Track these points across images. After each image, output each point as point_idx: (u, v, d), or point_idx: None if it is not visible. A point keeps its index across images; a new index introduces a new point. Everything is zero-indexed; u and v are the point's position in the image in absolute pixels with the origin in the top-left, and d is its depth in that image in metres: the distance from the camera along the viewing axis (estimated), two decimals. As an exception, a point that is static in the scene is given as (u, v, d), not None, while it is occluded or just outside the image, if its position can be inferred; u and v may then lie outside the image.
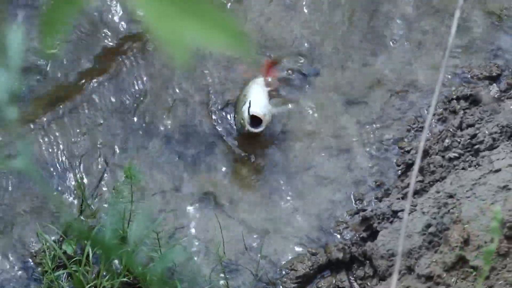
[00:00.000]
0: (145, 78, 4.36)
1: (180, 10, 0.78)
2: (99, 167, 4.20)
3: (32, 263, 3.93)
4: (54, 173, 4.18)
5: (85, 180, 4.15)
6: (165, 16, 0.77)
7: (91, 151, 4.24)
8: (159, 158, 4.22)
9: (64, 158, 4.21)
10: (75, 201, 4.07)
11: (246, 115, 3.98)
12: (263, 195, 4.13)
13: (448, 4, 4.42)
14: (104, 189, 4.12)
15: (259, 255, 3.90)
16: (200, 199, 4.12)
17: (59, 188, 4.15)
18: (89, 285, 3.70)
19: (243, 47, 0.79)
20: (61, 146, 4.23)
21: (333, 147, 4.22)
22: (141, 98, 4.33)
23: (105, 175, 4.16)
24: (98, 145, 4.24)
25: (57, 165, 4.21)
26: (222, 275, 3.87)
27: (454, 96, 4.18)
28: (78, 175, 4.15)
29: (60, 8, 0.81)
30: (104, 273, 3.75)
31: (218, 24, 0.79)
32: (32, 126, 4.24)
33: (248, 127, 4.00)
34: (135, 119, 4.29)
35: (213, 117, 4.29)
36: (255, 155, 4.24)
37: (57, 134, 4.25)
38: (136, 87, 4.35)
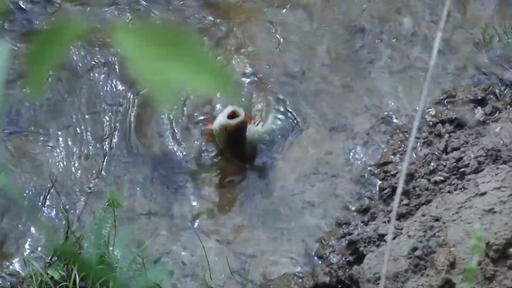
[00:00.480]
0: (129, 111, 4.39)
1: (166, 52, 0.79)
2: (84, 191, 4.20)
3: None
4: (39, 198, 4.18)
5: (68, 206, 4.15)
6: (152, 58, 0.77)
7: (74, 175, 4.24)
8: (145, 183, 4.22)
9: (47, 183, 4.21)
10: (62, 225, 4.05)
11: (223, 115, 4.01)
12: (249, 220, 4.12)
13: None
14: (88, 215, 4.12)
15: (247, 279, 3.90)
16: (186, 223, 4.12)
17: (44, 213, 4.15)
18: (76, 311, 3.66)
19: (229, 89, 0.79)
20: (44, 170, 4.23)
21: (319, 172, 4.23)
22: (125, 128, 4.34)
23: (89, 200, 4.16)
24: (81, 170, 4.25)
25: (41, 190, 4.21)
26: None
27: (439, 120, 4.20)
28: (62, 201, 4.15)
29: (45, 49, 0.81)
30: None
31: (204, 66, 0.78)
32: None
33: (226, 120, 3.98)
34: (121, 147, 4.30)
35: (198, 144, 4.31)
36: (241, 181, 4.24)
37: (38, 156, 4.26)
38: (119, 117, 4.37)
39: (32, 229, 4.08)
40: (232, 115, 4.00)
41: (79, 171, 4.25)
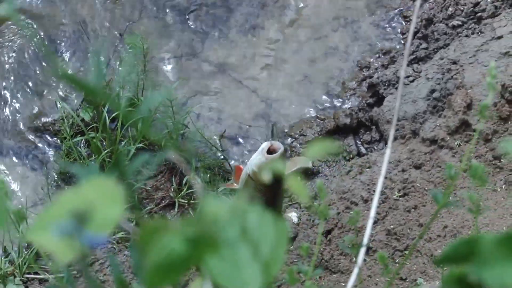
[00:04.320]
0: None
1: None
2: (114, 34, 4.24)
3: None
4: (66, 38, 4.22)
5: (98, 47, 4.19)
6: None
7: (107, 21, 4.28)
8: (175, 29, 4.25)
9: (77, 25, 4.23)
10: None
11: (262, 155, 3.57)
12: (275, 62, 4.20)
13: None
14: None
15: (270, 121, 3.99)
16: (216, 66, 4.18)
17: (67, 55, 4.20)
18: (106, 151, 3.71)
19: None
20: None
21: (341, 17, 4.25)
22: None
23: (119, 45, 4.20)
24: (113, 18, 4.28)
25: (66, 32, 4.23)
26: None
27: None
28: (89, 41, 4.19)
29: None
30: (121, 139, 3.78)
31: None
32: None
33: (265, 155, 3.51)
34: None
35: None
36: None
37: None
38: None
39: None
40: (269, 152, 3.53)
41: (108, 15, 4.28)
